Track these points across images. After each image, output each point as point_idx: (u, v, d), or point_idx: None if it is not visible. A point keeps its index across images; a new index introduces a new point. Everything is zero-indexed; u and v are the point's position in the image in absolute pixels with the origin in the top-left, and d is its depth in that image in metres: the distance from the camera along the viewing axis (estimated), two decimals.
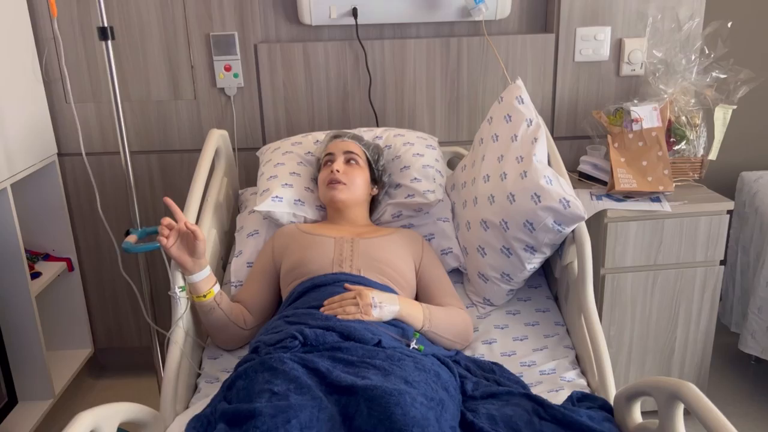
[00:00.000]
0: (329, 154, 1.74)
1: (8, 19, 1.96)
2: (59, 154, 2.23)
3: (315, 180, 1.83)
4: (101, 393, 2.41)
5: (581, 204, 1.51)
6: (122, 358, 2.50)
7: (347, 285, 1.44)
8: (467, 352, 1.54)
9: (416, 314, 1.44)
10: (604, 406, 1.26)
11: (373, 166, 1.76)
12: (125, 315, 2.42)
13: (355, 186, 1.68)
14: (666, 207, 1.91)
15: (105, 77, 2.14)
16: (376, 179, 1.77)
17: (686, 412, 1.04)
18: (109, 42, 1.68)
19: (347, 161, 1.70)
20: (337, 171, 1.66)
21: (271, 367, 1.20)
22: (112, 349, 2.48)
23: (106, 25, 1.67)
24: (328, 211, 1.74)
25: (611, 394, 1.33)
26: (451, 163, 2.13)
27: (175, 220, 1.43)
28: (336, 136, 1.80)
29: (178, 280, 1.46)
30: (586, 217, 1.51)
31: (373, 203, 1.81)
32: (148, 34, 2.13)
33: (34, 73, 2.09)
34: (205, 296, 1.47)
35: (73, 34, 2.12)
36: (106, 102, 2.19)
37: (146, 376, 2.41)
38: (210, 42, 2.13)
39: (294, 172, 1.81)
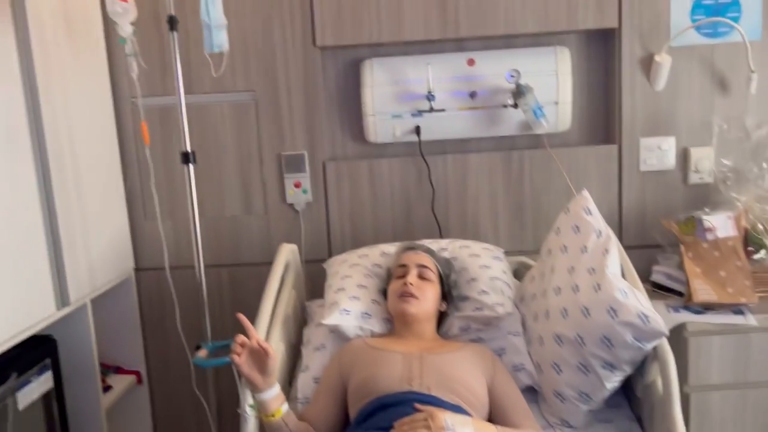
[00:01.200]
0: (402, 265, 1.74)
1: (99, 145, 2.12)
2: (136, 269, 2.32)
3: (382, 292, 1.83)
4: None
5: (661, 319, 1.45)
6: None
7: (417, 405, 1.39)
8: None
9: None
10: None
11: (444, 281, 1.75)
12: (190, 430, 2.40)
13: (426, 300, 1.67)
14: (751, 320, 1.81)
15: (182, 195, 2.26)
16: (445, 294, 1.75)
17: None
18: (191, 165, 1.79)
19: (420, 275, 1.71)
20: (410, 284, 1.66)
21: None
22: None
23: (189, 150, 1.78)
24: (396, 324, 1.73)
25: None
26: (518, 274, 2.10)
27: (248, 337, 1.45)
28: (409, 248, 1.81)
29: (248, 398, 1.45)
30: (668, 334, 1.44)
31: (441, 317, 1.78)
32: (224, 155, 2.26)
33: (117, 194, 2.23)
34: (273, 415, 1.44)
35: (156, 157, 2.26)
36: (182, 219, 2.29)
37: None
38: (281, 161, 2.24)
39: (361, 285, 1.82)
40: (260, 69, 2.19)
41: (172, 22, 1.82)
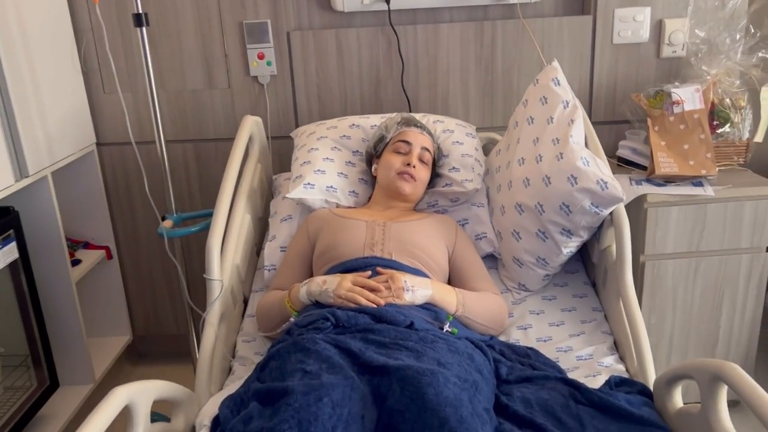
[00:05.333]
0: (406, 142, 1.69)
1: (48, 10, 2.00)
2: (98, 144, 2.27)
3: (366, 160, 1.81)
4: (140, 378, 2.44)
5: (619, 185, 1.47)
6: (160, 345, 2.54)
7: (379, 269, 1.43)
8: (502, 338, 1.51)
9: (449, 299, 1.42)
10: (643, 391, 1.23)
11: (435, 165, 1.75)
12: (163, 303, 2.46)
13: (421, 184, 1.68)
14: (709, 191, 1.85)
15: (141, 67, 2.17)
16: (431, 178, 1.75)
17: (731, 405, 1.00)
18: (144, 29, 1.70)
19: (420, 157, 1.68)
20: (414, 166, 1.65)
21: (303, 348, 1.20)
22: (149, 336, 2.52)
23: (141, 11, 1.69)
24: (378, 194, 1.72)
25: (651, 379, 1.30)
26: (486, 150, 2.08)
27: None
28: (415, 125, 1.75)
29: (213, 268, 1.47)
30: (625, 199, 1.47)
31: None
32: (182, 23, 2.15)
33: (72, 64, 2.13)
34: (297, 311, 1.44)
35: (111, 25, 2.15)
36: (143, 92, 2.22)
37: (183, 364, 2.43)
38: (243, 30, 2.14)
39: (327, 158, 1.80)
40: None
41: None
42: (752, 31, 1.94)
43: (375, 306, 1.32)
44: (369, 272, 1.42)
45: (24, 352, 1.93)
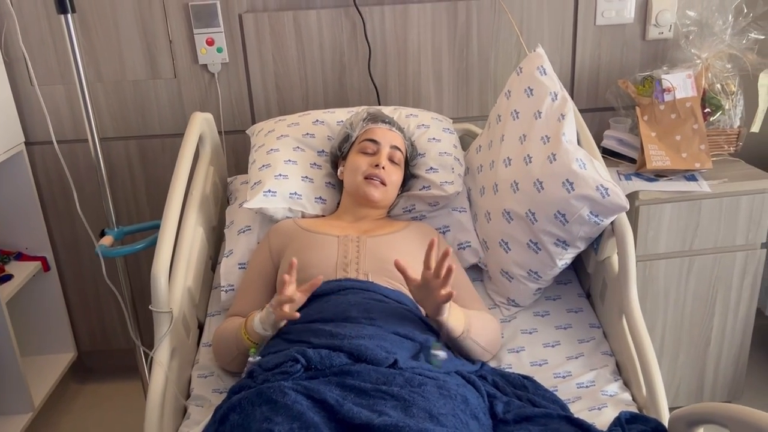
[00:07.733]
0: (373, 141, 1.50)
1: None
2: (27, 143, 2.01)
3: (331, 162, 1.61)
4: (87, 398, 2.23)
5: (622, 192, 1.31)
6: (109, 360, 2.32)
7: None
8: (492, 363, 1.35)
9: (459, 318, 1.25)
10: (658, 428, 1.09)
11: (409, 164, 1.57)
12: (109, 315, 2.23)
13: (393, 188, 1.50)
14: (704, 186, 1.71)
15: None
16: (405, 179, 1.56)
17: None
18: (69, 15, 1.45)
19: (390, 157, 1.49)
20: (383, 168, 1.46)
21: (270, 400, 1.01)
22: (96, 352, 2.29)
23: None
24: (346, 201, 1.53)
25: (663, 412, 1.16)
26: (463, 142, 1.91)
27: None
28: (383, 121, 1.55)
29: (161, 298, 1.26)
30: (628, 207, 1.31)
31: None
32: (119, 4, 1.89)
33: None
34: (257, 344, 1.26)
35: (35, 7, 1.88)
36: (76, 83, 1.96)
37: (135, 378, 2.22)
38: (189, 12, 1.90)
39: (289, 160, 1.60)
40: None
41: None
42: (745, 11, 1.80)
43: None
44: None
45: None
